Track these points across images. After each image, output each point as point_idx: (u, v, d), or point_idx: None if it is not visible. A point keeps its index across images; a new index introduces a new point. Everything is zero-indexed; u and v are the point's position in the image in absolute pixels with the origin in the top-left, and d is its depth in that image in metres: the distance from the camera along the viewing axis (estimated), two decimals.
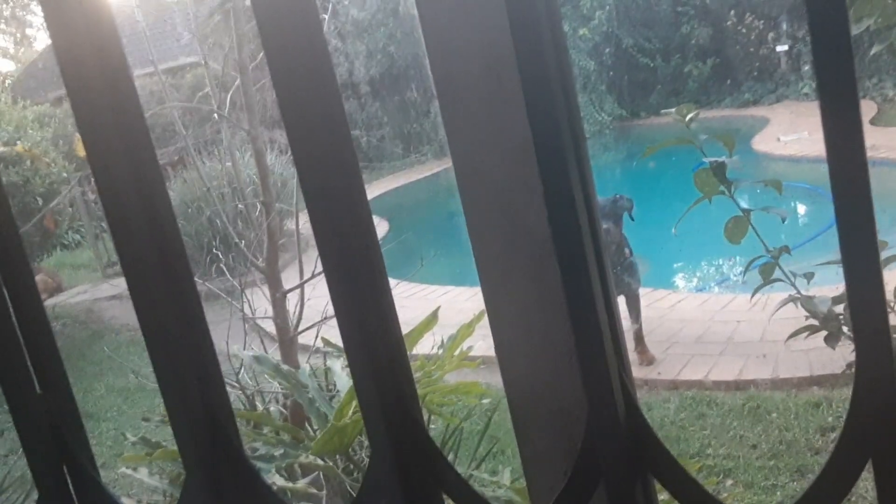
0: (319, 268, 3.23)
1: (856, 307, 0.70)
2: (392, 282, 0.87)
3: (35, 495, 0.99)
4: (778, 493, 4.02)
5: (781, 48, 12.60)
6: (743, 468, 4.31)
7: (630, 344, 5.58)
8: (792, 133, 10.46)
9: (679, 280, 8.51)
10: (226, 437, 0.87)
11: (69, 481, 0.97)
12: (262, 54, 3.62)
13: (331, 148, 0.83)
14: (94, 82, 0.89)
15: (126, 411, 5.67)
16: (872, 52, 2.94)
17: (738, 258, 7.81)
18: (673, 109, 2.87)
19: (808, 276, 2.93)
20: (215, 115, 3.20)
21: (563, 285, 0.80)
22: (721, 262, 8.19)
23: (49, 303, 9.04)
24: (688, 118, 2.94)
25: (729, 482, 4.30)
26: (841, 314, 2.74)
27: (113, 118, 0.89)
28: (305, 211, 0.89)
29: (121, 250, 0.93)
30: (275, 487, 1.83)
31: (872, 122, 9.89)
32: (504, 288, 0.90)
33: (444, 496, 0.86)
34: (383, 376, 0.86)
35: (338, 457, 2.22)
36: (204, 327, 0.95)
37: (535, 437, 0.93)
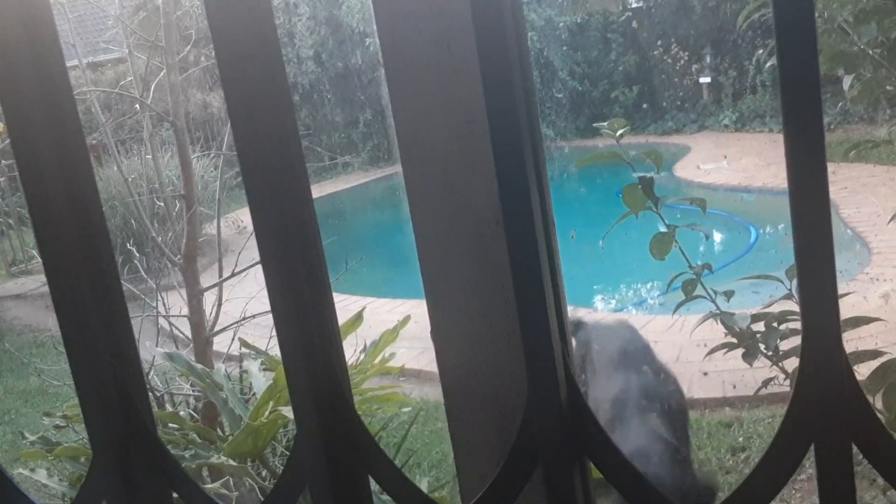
0: (238, 269, 3.15)
1: (807, 297, 0.69)
2: None
3: None
4: None
5: (704, 80, 12.98)
6: None
7: None
8: (711, 162, 10.76)
9: (598, 300, 8.63)
10: (138, 415, 0.81)
11: None
12: (187, 48, 3.53)
13: (277, 144, 0.79)
14: (24, 70, 0.84)
15: (26, 413, 5.40)
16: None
17: (656, 282, 7.97)
18: (605, 123, 2.89)
19: (729, 294, 2.98)
20: (136, 105, 3.09)
21: (512, 267, 0.76)
22: (640, 285, 8.34)
23: None
24: (618, 133, 2.97)
25: None
26: (759, 332, 2.79)
27: (43, 108, 0.85)
28: (226, 214, 0.84)
29: (39, 228, 0.87)
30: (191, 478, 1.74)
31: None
32: (444, 268, 0.86)
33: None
34: (314, 356, 0.81)
35: (250, 462, 2.14)
36: (122, 307, 0.89)
37: (469, 425, 0.89)
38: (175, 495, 0.83)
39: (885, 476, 0.72)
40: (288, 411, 1.95)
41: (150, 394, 2.67)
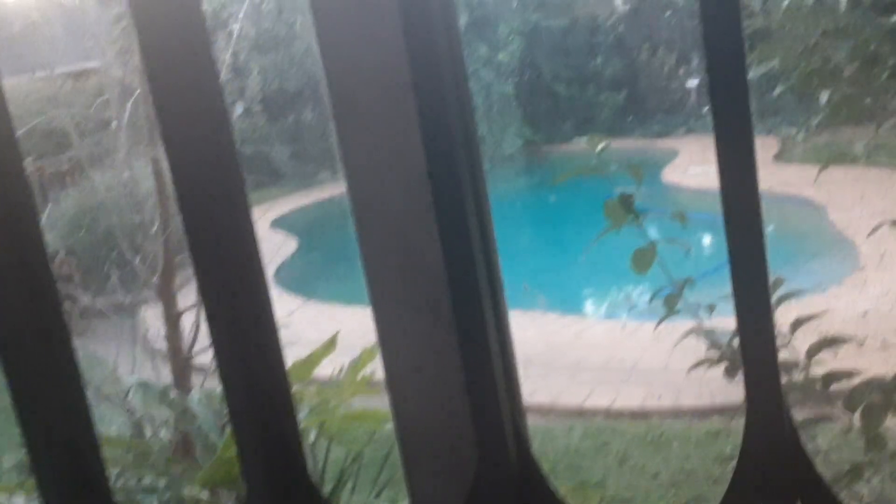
0: None
1: (749, 363, 0.68)
2: (300, 301, 0.82)
3: None
4: None
5: (692, 83, 13.01)
6: (643, 498, 4.35)
7: None
8: (699, 165, 10.77)
9: (587, 307, 8.62)
10: (89, 471, 0.79)
11: None
12: None
13: (214, 157, 0.77)
14: None
15: (6, 430, 5.36)
16: (776, 91, 3.03)
17: (644, 286, 7.96)
18: (585, 137, 2.88)
19: (710, 308, 2.97)
20: (113, 122, 3.07)
21: (456, 323, 0.75)
22: (629, 290, 8.34)
23: None
24: (598, 148, 2.96)
25: None
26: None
27: None
28: None
29: None
30: None
31: (776, 157, 10.27)
32: (397, 321, 0.84)
33: None
34: (263, 412, 0.79)
35: (227, 491, 2.12)
36: (69, 349, 0.87)
37: (424, 477, 0.87)
38: None
39: None
40: None
41: (127, 418, 2.66)
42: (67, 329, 0.87)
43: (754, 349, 0.65)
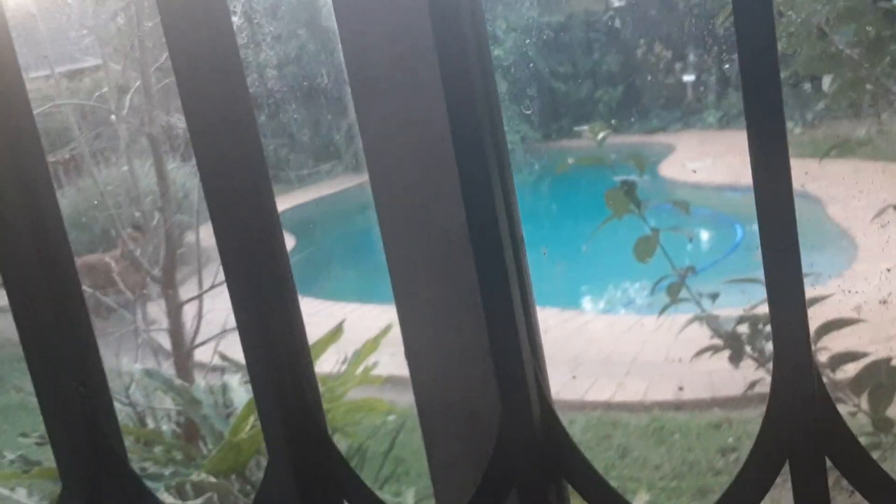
0: (219, 279, 3.12)
1: (777, 312, 0.67)
2: (298, 297, 0.82)
3: None
4: None
5: (688, 78, 13.01)
6: (646, 489, 4.35)
7: None
8: (697, 160, 10.78)
9: (586, 301, 8.62)
10: (108, 446, 0.78)
11: None
12: (165, 56, 3.50)
13: (240, 155, 0.78)
14: None
15: (6, 430, 5.34)
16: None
17: (643, 282, 7.96)
18: (586, 127, 2.89)
19: (713, 297, 2.98)
20: (112, 116, 3.06)
21: (480, 283, 0.74)
22: (628, 285, 8.34)
23: None
24: (599, 137, 2.97)
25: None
26: (744, 333, 2.78)
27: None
28: (206, 224, 0.83)
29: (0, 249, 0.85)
30: None
31: None
32: (416, 288, 0.84)
33: None
34: (285, 380, 0.79)
35: (234, 476, 2.11)
36: (88, 332, 0.87)
37: (445, 445, 0.87)
38: None
39: (858, 489, 0.70)
40: None
41: (131, 409, 2.65)
42: (84, 302, 0.87)
43: (782, 300, 0.64)
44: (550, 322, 6.70)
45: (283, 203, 12.16)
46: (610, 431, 4.96)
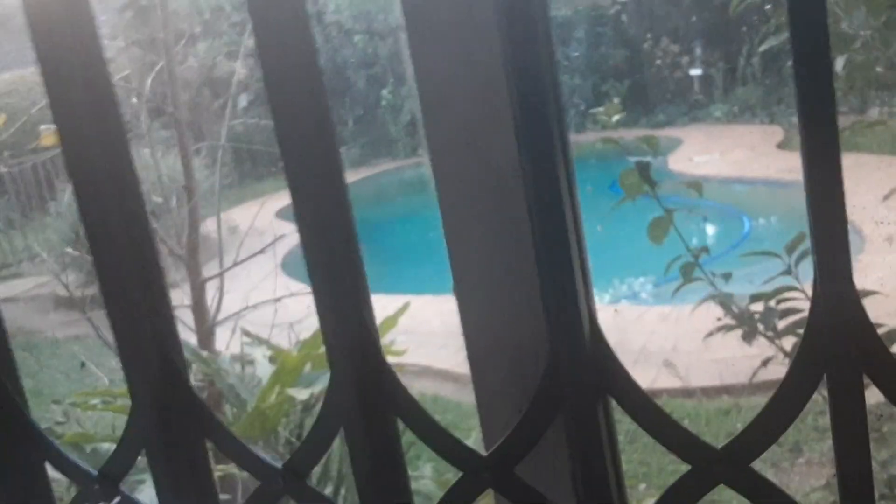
0: (238, 260, 3.17)
1: (818, 231, 0.71)
2: (307, 289, 0.89)
3: None
4: None
5: (695, 72, 13.05)
6: (656, 473, 4.40)
7: None
8: (704, 154, 10.81)
9: (595, 291, 8.66)
10: (174, 367, 0.84)
11: None
12: (182, 42, 3.56)
13: (315, 131, 0.83)
14: (66, 55, 0.89)
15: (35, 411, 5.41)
16: (789, 63, 3.05)
17: (650, 275, 8.00)
18: (600, 108, 2.92)
19: (726, 276, 3.01)
20: (133, 98, 3.11)
21: (532, 207, 0.79)
22: (634, 277, 8.38)
23: None
24: (614, 119, 3.01)
25: (642, 486, 4.38)
26: (757, 312, 2.82)
27: (89, 103, 0.90)
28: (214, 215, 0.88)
29: (82, 200, 0.92)
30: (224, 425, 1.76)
31: (780, 146, 10.31)
32: (466, 222, 0.88)
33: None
34: (346, 307, 0.84)
35: (262, 443, 2.16)
36: (158, 268, 0.93)
37: (491, 375, 0.92)
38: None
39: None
40: (296, 392, 1.98)
41: None
42: (156, 251, 0.93)
43: (824, 216, 0.69)
44: None
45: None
46: (619, 417, 5.00)
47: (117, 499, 0.73)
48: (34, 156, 9.55)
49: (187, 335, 3.15)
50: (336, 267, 0.85)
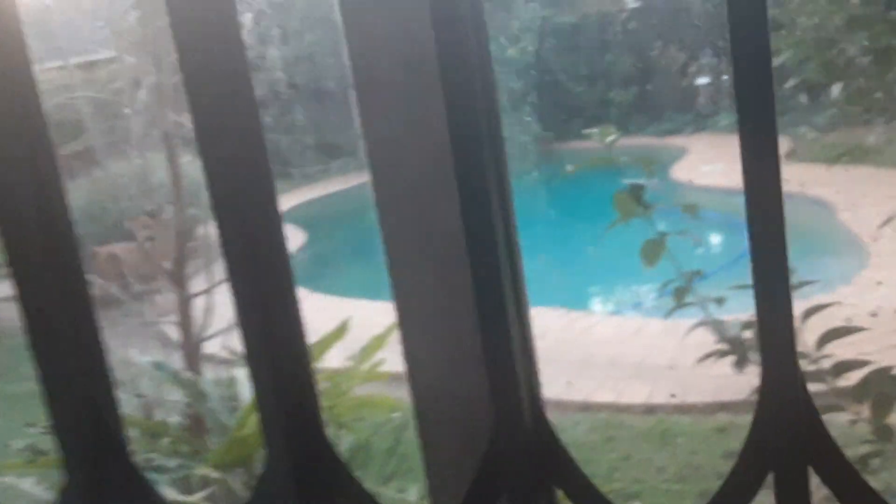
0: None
1: (764, 325, 0.69)
2: (306, 292, 0.84)
3: None
4: None
5: (702, 81, 13.00)
6: (650, 491, 4.36)
7: None
8: (709, 164, 10.77)
9: (595, 303, 8.62)
10: (111, 436, 0.81)
11: None
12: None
13: (243, 150, 0.80)
14: None
15: (14, 418, 5.39)
16: (787, 84, 3.01)
17: (652, 284, 7.96)
18: (596, 129, 2.89)
19: (720, 301, 2.98)
20: (126, 109, 3.09)
21: (474, 292, 0.76)
22: (636, 287, 8.34)
23: None
24: (608, 140, 2.97)
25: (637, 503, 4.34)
26: (749, 339, 2.78)
27: (9, 109, 0.85)
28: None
29: (7, 237, 0.87)
30: (167, 501, 1.73)
31: (787, 157, 10.26)
32: (415, 293, 0.86)
33: None
34: (285, 381, 0.81)
35: (241, 470, 2.13)
36: (92, 321, 0.89)
37: (441, 447, 0.89)
38: None
39: (841, 500, 0.72)
40: None
41: (138, 400, 2.68)
42: (90, 296, 0.89)
43: (770, 311, 0.66)
44: (558, 322, 6.70)
45: (294, 199, 12.21)
46: (615, 433, 4.96)
47: None
48: None
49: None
50: (278, 343, 0.82)
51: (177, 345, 3.08)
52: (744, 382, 4.03)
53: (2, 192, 0.84)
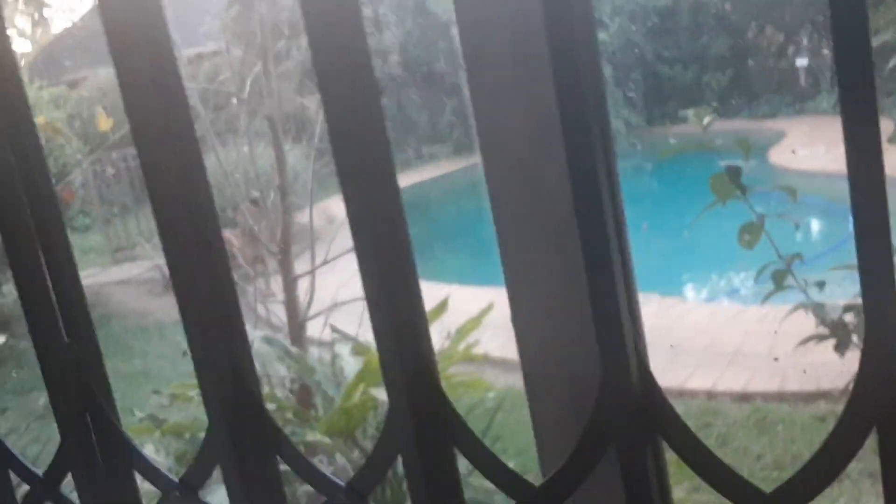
0: (330, 256, 3.26)
1: (869, 307, 0.71)
2: None
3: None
4: None
5: (801, 62, 12.55)
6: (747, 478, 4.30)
7: None
8: (808, 147, 10.43)
9: (689, 290, 8.49)
10: (248, 389, 0.89)
11: (92, 429, 0.99)
12: (282, 42, 3.67)
13: (364, 128, 0.86)
14: (139, 58, 0.93)
15: (129, 395, 5.69)
16: (890, 65, 2.94)
17: (747, 272, 7.79)
18: (691, 111, 2.88)
19: (820, 285, 2.94)
20: (234, 99, 3.23)
21: (583, 252, 0.81)
22: (731, 274, 8.17)
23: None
24: (705, 121, 2.96)
25: None
26: (851, 322, 2.74)
27: (156, 93, 0.93)
28: (316, 204, 0.91)
29: (158, 214, 0.96)
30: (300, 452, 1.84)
31: (891, 140, 9.83)
32: (523, 257, 0.91)
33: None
34: (404, 336, 0.88)
35: (343, 440, 2.23)
36: (231, 285, 0.98)
37: (548, 408, 0.94)
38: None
39: None
40: (379, 392, 2.04)
41: None
42: (229, 268, 0.98)
43: (874, 294, 0.69)
44: (652, 309, 6.64)
45: None
46: (710, 420, 4.90)
47: None
48: None
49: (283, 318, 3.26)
50: (394, 294, 0.89)
51: (277, 326, 3.22)
52: (845, 371, 3.94)
53: (151, 172, 0.94)
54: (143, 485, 1.09)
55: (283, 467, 0.94)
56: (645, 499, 0.83)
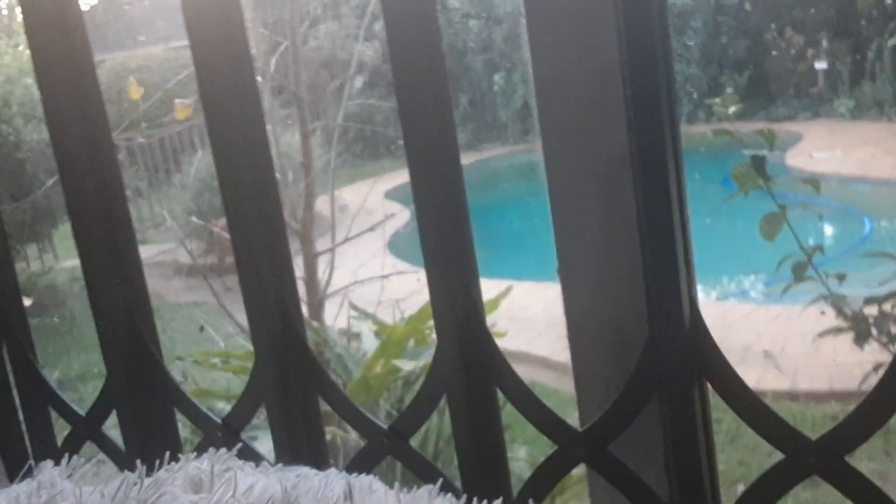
0: (350, 235, 3.29)
1: None
2: (413, 268, 0.92)
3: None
4: (789, 501, 4.01)
5: (820, 65, 12.49)
6: (756, 474, 4.30)
7: None
8: (825, 151, 10.39)
9: (699, 290, 8.48)
10: (294, 327, 0.91)
11: (136, 367, 1.01)
12: (305, 24, 3.69)
13: (435, 115, 0.88)
14: (213, 35, 0.97)
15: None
16: None
17: (760, 274, 7.77)
18: (717, 99, 2.88)
19: (840, 277, 2.93)
20: (259, 77, 3.24)
21: (642, 193, 0.81)
22: (744, 275, 8.16)
23: (69, 265, 9.08)
24: (731, 110, 2.95)
25: (740, 487, 4.29)
26: (871, 315, 2.73)
27: (228, 67, 0.97)
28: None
29: (221, 172, 0.99)
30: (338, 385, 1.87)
31: None
32: (573, 206, 0.92)
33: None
34: (455, 280, 0.89)
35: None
36: (282, 226, 1.01)
37: (591, 354, 0.95)
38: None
39: None
40: (402, 363, 2.06)
41: None
42: (283, 218, 1.00)
43: None
44: None
45: (399, 178, 12.37)
46: (721, 416, 4.89)
47: (238, 445, 0.80)
48: (161, 129, 10.00)
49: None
50: (448, 244, 0.90)
51: (303, 301, 3.24)
52: (857, 371, 3.93)
53: (217, 138, 0.97)
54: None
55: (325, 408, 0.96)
56: (690, 443, 0.84)
